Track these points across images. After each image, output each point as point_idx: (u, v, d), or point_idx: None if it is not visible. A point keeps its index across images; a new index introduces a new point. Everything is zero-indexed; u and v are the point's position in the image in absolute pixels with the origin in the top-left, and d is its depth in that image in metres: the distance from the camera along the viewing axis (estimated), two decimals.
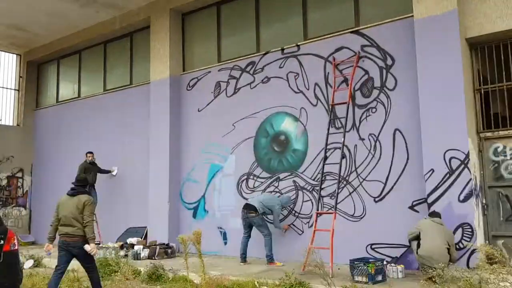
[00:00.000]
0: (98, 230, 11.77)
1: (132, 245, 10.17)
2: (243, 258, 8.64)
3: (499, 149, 7.52)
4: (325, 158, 8.60)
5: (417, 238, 6.63)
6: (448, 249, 6.38)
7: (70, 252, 6.14)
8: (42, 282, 7.17)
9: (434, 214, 6.86)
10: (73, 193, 6.24)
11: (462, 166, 7.05)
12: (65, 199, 6.25)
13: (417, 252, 6.56)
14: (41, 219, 14.39)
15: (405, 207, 7.80)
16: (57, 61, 15.03)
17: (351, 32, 8.77)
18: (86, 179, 6.70)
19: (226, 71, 10.54)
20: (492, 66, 7.71)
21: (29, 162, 15.06)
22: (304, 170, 9.06)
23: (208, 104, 10.77)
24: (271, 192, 9.38)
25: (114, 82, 13.21)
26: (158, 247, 9.86)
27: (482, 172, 7.55)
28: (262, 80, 9.89)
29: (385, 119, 8.20)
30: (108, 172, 12.24)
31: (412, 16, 7.86)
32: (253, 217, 8.47)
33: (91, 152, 12.07)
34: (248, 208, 8.55)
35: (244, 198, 9.87)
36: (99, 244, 10.02)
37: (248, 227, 8.67)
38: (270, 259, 8.34)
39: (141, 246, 9.97)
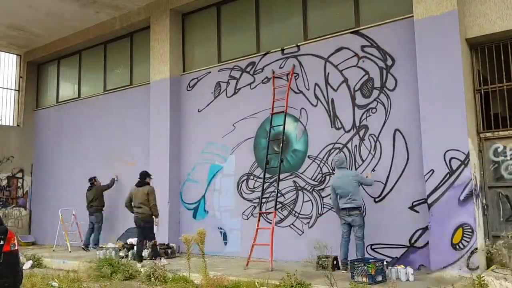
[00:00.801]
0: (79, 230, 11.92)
1: (132, 246, 10.16)
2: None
3: (499, 150, 7.52)
4: (267, 162, 9.23)
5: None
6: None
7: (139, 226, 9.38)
8: (42, 282, 7.16)
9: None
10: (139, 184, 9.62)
11: (462, 166, 7.04)
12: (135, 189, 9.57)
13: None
14: (41, 220, 14.41)
15: (405, 207, 7.80)
16: (57, 62, 15.03)
17: (351, 32, 8.78)
18: (145, 173, 9.77)
19: (226, 72, 10.54)
20: (492, 66, 7.71)
21: (29, 162, 15.06)
22: (304, 171, 9.06)
23: (208, 105, 10.77)
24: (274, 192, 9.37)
25: (114, 82, 13.22)
26: (158, 247, 9.85)
27: (482, 172, 7.55)
28: (262, 81, 9.89)
29: (385, 120, 8.21)
30: (113, 183, 12.25)
31: (412, 16, 7.86)
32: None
33: (94, 178, 12.18)
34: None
35: (244, 198, 9.87)
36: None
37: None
38: None
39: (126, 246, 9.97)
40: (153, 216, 9.46)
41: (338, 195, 7.75)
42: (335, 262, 7.53)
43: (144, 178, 9.70)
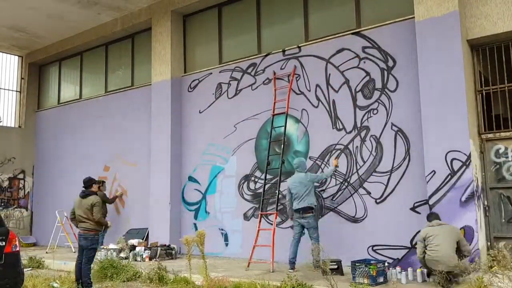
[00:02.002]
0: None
1: (133, 247, 10.16)
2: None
3: (500, 151, 7.51)
4: (268, 163, 9.22)
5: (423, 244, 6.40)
6: (457, 249, 6.21)
7: None
8: (43, 283, 7.16)
9: (434, 216, 6.67)
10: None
11: (464, 167, 7.04)
12: None
13: (423, 258, 6.34)
14: (43, 221, 14.42)
15: (406, 208, 7.79)
16: (58, 63, 15.06)
17: (352, 33, 8.78)
18: (89, 180, 7.38)
19: (227, 73, 10.55)
20: (493, 68, 7.71)
21: (31, 163, 15.08)
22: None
23: (209, 106, 10.78)
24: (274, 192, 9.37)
25: (115, 83, 13.23)
26: (159, 248, 9.86)
27: (483, 173, 7.54)
28: (264, 82, 9.89)
29: (386, 121, 8.20)
30: (113, 200, 12.01)
31: (413, 17, 7.86)
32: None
33: (101, 182, 11.81)
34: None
35: (245, 199, 9.88)
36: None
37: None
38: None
39: (142, 248, 9.97)
40: (98, 231, 7.24)
41: (292, 196, 8.00)
42: (337, 267, 7.44)
43: (88, 186, 7.28)
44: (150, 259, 9.54)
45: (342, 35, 8.92)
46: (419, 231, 7.54)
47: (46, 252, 11.63)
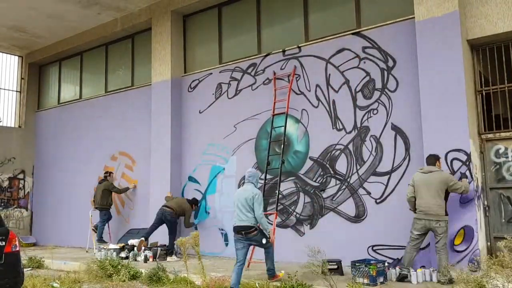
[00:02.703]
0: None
1: (133, 247, 10.16)
2: None
3: (500, 151, 7.51)
4: (268, 163, 9.18)
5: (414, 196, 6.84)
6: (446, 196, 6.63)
7: None
8: (43, 283, 7.16)
9: (428, 160, 6.93)
10: None
11: (464, 167, 7.04)
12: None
13: (415, 212, 6.79)
14: (43, 221, 14.43)
15: (406, 208, 7.77)
16: (58, 63, 15.06)
17: (352, 33, 8.78)
18: None
19: (227, 73, 10.55)
20: (493, 68, 7.71)
21: (31, 163, 15.08)
22: (306, 172, 9.06)
23: (209, 106, 10.78)
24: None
25: (115, 83, 13.24)
26: (159, 248, 9.85)
27: (483, 173, 7.54)
28: (264, 82, 9.89)
29: (387, 121, 8.21)
30: (125, 190, 12.02)
31: (413, 17, 7.86)
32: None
33: (108, 173, 12.06)
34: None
35: None
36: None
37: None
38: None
39: (143, 248, 9.96)
40: None
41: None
42: (337, 267, 7.43)
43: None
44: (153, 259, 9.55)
45: (342, 35, 8.92)
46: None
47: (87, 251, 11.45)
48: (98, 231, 11.66)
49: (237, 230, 6.78)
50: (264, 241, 6.82)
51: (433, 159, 6.87)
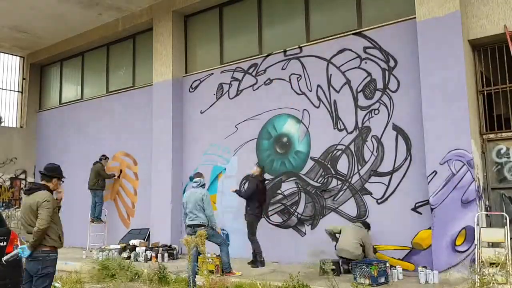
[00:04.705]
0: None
1: (135, 247, 10.16)
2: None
3: (502, 151, 7.50)
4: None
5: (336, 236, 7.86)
6: (362, 246, 7.46)
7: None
8: None
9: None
10: None
11: (465, 167, 7.02)
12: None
13: (335, 247, 7.70)
14: None
15: (408, 209, 7.79)
16: (60, 63, 15.07)
17: (354, 34, 8.77)
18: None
19: (228, 73, 10.55)
20: (495, 68, 7.69)
21: (32, 163, 15.10)
22: (307, 172, 9.05)
23: (210, 106, 10.78)
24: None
25: (116, 84, 13.24)
26: (160, 248, 9.86)
27: (485, 174, 7.52)
28: (265, 82, 9.89)
29: (388, 121, 8.20)
30: (112, 176, 12.31)
31: (415, 18, 7.84)
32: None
33: (103, 156, 12.34)
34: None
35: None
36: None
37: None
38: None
39: (144, 248, 9.97)
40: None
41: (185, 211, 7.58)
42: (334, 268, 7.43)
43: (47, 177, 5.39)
44: (152, 259, 9.53)
45: (343, 36, 8.92)
46: (420, 231, 7.56)
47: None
48: (97, 210, 11.69)
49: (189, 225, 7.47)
50: (216, 237, 7.62)
51: None
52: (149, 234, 11.13)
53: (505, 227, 6.42)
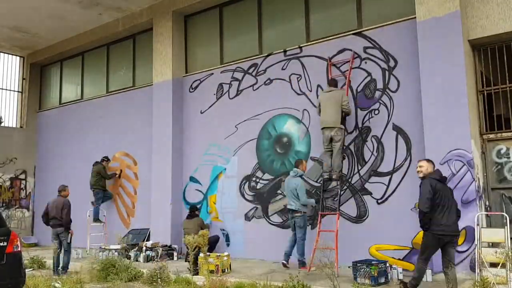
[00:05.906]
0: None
1: (147, 248, 10.13)
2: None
3: (502, 151, 7.50)
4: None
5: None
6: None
7: None
8: (45, 283, 7.16)
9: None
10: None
11: (465, 167, 7.03)
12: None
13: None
14: None
15: (408, 209, 7.78)
16: (60, 63, 15.08)
17: (354, 34, 8.77)
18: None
19: (228, 73, 10.55)
20: (495, 68, 7.70)
21: (32, 163, 15.10)
22: (307, 172, 9.05)
23: (210, 106, 10.78)
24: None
25: (116, 84, 13.25)
26: (160, 249, 9.86)
27: (485, 174, 7.53)
28: (265, 82, 9.89)
29: (388, 121, 8.20)
30: (112, 176, 12.36)
31: (415, 17, 7.85)
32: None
33: (105, 157, 12.49)
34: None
35: (246, 199, 9.88)
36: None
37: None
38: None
39: (144, 248, 9.96)
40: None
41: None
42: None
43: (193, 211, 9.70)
44: (152, 259, 9.52)
45: (343, 35, 8.92)
46: (420, 231, 7.55)
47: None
48: (94, 211, 11.75)
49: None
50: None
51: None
52: (149, 234, 11.13)
53: (505, 227, 6.42)
